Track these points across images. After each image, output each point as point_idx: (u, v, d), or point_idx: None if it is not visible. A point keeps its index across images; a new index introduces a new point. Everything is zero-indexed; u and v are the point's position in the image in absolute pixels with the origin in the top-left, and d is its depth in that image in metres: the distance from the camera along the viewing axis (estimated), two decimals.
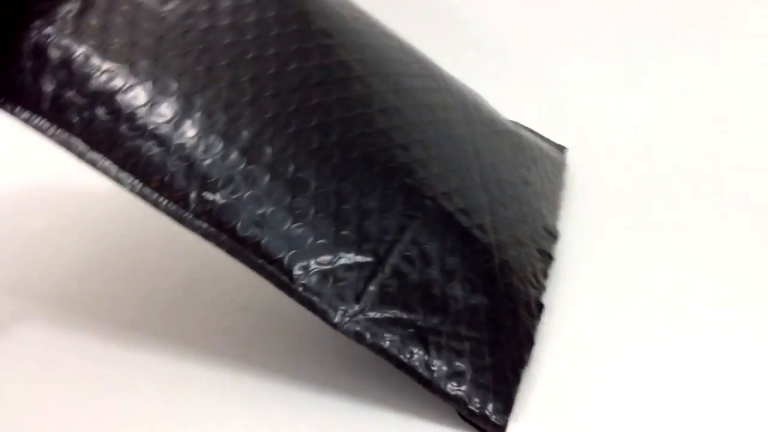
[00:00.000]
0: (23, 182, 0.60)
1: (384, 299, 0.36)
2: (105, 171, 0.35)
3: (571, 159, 0.57)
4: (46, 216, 0.55)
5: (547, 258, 0.44)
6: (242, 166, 0.36)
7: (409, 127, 0.42)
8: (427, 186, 0.40)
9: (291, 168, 0.37)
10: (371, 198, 0.38)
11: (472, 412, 0.35)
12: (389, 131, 0.41)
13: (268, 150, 0.36)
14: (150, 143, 0.35)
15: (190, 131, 0.36)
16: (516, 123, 0.55)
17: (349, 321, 0.35)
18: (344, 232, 0.36)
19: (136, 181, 0.35)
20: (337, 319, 0.35)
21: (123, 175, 0.35)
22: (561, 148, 0.58)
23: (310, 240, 0.36)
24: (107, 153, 0.35)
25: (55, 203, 0.57)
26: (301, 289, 0.35)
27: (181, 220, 0.35)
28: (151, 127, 0.35)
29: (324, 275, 0.36)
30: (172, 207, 0.35)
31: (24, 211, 0.56)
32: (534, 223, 0.46)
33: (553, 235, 0.47)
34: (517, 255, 0.42)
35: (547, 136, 0.58)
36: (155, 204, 0.35)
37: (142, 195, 0.35)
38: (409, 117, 0.43)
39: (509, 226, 0.43)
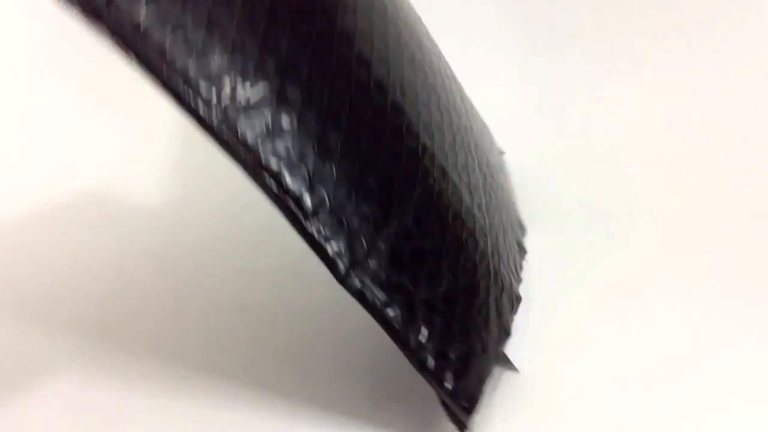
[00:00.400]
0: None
1: (393, 261, 0.34)
2: None
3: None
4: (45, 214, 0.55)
5: (523, 250, 0.44)
6: (274, 90, 0.32)
7: (420, 89, 0.39)
8: (443, 155, 0.39)
9: (324, 100, 0.33)
10: (389, 155, 0.36)
11: (446, 391, 0.34)
12: (402, 103, 0.37)
13: (299, 78, 0.33)
14: None
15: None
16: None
17: (355, 277, 0.33)
18: (369, 180, 0.34)
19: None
20: (343, 272, 0.33)
21: None
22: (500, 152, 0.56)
23: (334, 180, 0.33)
24: None
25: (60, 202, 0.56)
26: (314, 230, 0.32)
27: (206, 127, 0.30)
28: None
29: (339, 221, 0.33)
30: (202, 108, 0.30)
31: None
32: (511, 211, 0.45)
33: (523, 228, 0.47)
34: (504, 243, 0.41)
35: None
36: (179, 95, 0.29)
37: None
38: (419, 78, 0.40)
39: (498, 211, 0.42)
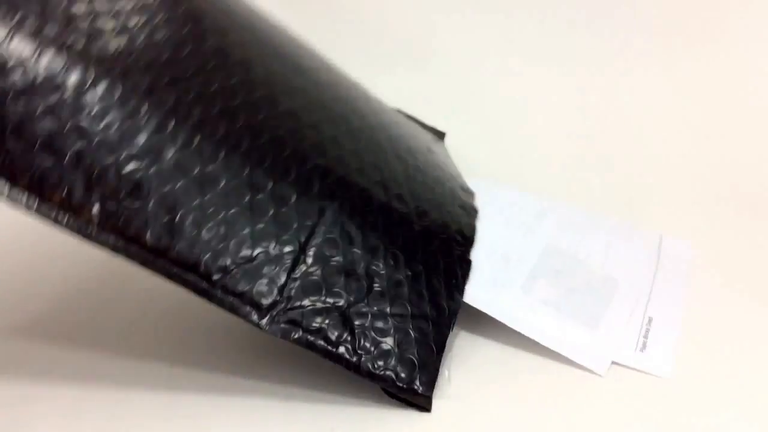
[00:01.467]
0: None
1: (308, 288, 0.35)
2: None
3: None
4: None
5: (472, 211, 0.44)
6: (145, 170, 0.33)
7: (315, 106, 0.41)
8: (342, 164, 0.40)
9: (198, 164, 0.34)
10: (286, 183, 0.36)
11: (399, 389, 0.35)
12: (296, 111, 0.39)
13: (172, 147, 0.34)
14: (44, 154, 0.32)
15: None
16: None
17: (273, 319, 0.34)
18: (261, 225, 0.35)
19: (32, 199, 0.31)
20: (260, 320, 0.34)
21: (16, 192, 0.31)
22: (440, 134, 0.57)
23: (227, 239, 0.34)
24: None
25: None
26: (220, 293, 0.34)
27: (86, 237, 0.32)
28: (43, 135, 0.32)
29: (244, 273, 0.34)
30: (75, 223, 0.32)
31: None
32: (451, 182, 0.46)
33: (470, 192, 0.47)
34: (439, 216, 0.42)
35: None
36: (56, 221, 0.32)
37: (39, 213, 0.31)
38: (313, 95, 0.41)
39: (427, 191, 0.43)
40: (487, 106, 0.61)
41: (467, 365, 0.39)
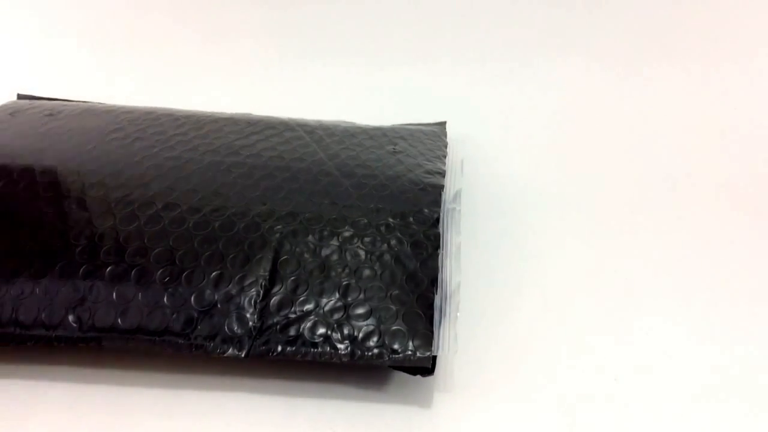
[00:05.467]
0: None
1: (276, 307, 0.37)
2: None
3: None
4: None
5: (436, 189, 0.45)
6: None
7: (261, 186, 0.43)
8: (300, 204, 0.42)
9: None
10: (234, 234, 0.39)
11: (396, 360, 0.35)
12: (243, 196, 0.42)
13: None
14: None
15: None
16: (389, 126, 0.56)
17: (251, 347, 0.36)
18: (216, 272, 0.37)
19: None
20: (240, 351, 0.36)
21: None
22: (440, 124, 0.59)
23: (186, 295, 0.37)
24: None
25: None
26: (196, 342, 0.36)
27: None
28: None
29: (210, 316, 0.36)
30: None
31: None
32: (413, 172, 0.46)
33: (439, 173, 0.47)
34: (399, 205, 0.43)
35: None
36: None
37: None
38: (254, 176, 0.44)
39: (382, 188, 0.44)
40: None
41: (470, 356, 0.39)
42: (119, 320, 0.36)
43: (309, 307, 0.37)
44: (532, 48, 0.65)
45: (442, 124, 0.59)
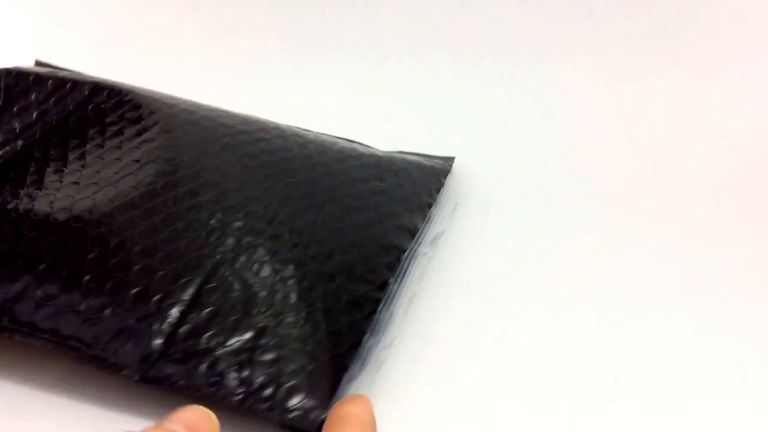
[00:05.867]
0: None
1: (190, 334, 0.35)
2: None
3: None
4: None
5: (395, 250, 0.42)
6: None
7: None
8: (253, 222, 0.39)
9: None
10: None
11: (282, 419, 0.33)
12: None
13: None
14: None
15: None
16: (390, 152, 0.53)
17: (149, 370, 0.34)
18: (134, 291, 0.35)
19: None
20: (135, 374, 0.34)
21: None
22: (446, 159, 0.55)
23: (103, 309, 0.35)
24: None
25: None
26: (95, 353, 0.34)
27: None
28: None
29: (119, 332, 0.35)
30: None
31: None
32: (384, 223, 0.44)
33: (409, 231, 0.44)
34: (353, 258, 0.40)
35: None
36: None
37: None
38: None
39: (343, 234, 0.41)
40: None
41: (460, 356, 0.38)
42: (36, 317, 0.35)
43: (217, 341, 0.34)
44: (533, 49, 0.65)
45: (449, 159, 0.55)
